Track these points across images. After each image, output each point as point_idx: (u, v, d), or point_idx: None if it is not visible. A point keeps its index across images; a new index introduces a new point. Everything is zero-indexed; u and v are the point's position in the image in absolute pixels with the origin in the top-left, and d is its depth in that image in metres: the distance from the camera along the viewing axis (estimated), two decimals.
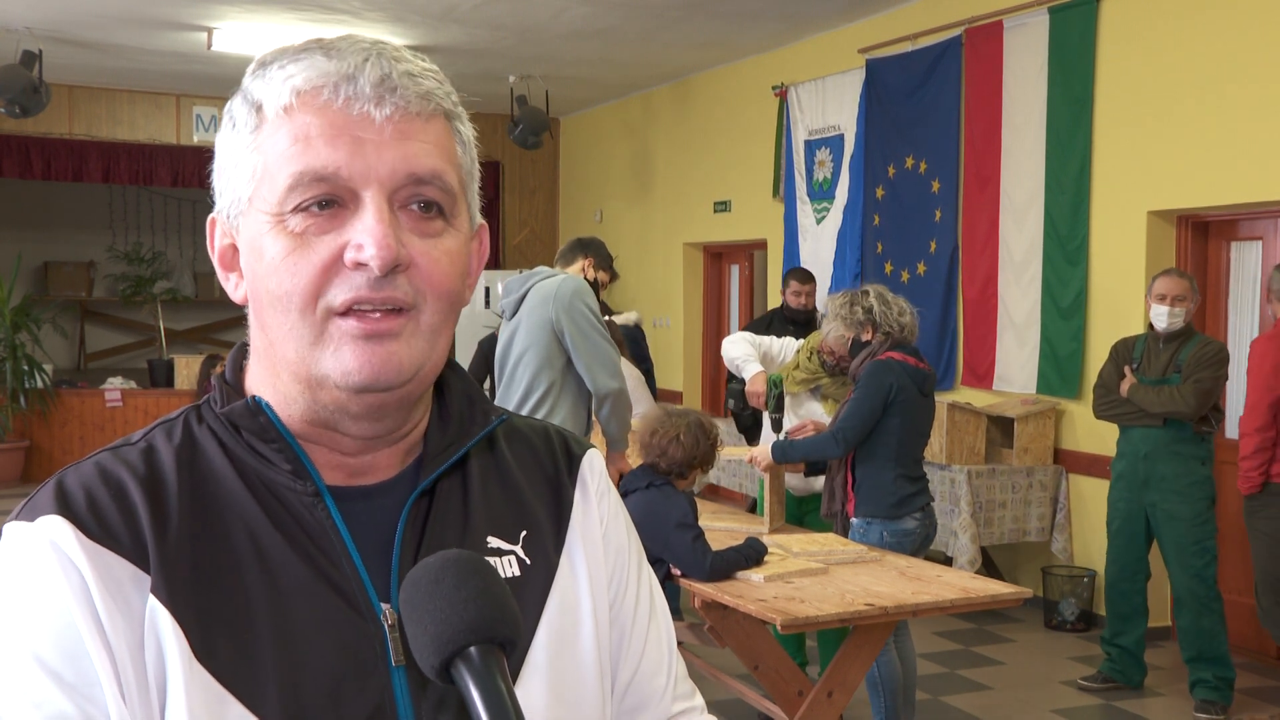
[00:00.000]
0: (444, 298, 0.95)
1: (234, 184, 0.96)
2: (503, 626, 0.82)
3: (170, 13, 8.15)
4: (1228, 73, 5.61)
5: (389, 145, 0.92)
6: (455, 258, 0.96)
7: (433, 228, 0.94)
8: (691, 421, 3.86)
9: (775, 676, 3.80)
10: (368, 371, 0.91)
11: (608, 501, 1.12)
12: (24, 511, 0.91)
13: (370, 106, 0.91)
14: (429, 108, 0.94)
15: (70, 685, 0.85)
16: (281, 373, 0.95)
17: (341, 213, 0.92)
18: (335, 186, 0.91)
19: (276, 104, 0.93)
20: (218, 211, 0.99)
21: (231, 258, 0.99)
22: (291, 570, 0.93)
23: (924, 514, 4.34)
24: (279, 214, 0.92)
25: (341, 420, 0.95)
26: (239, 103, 0.96)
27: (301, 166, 0.91)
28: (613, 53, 9.27)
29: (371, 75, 0.92)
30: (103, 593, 0.87)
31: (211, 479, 0.95)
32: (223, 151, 0.97)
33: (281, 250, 0.91)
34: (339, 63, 0.92)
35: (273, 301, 0.93)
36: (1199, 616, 5.01)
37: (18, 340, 10.23)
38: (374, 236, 0.90)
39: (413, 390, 0.96)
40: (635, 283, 10.92)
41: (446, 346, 0.98)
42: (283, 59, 0.94)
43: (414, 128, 0.93)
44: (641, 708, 1.10)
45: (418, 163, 0.93)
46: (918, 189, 7.50)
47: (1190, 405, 4.93)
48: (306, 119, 0.91)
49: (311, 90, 0.92)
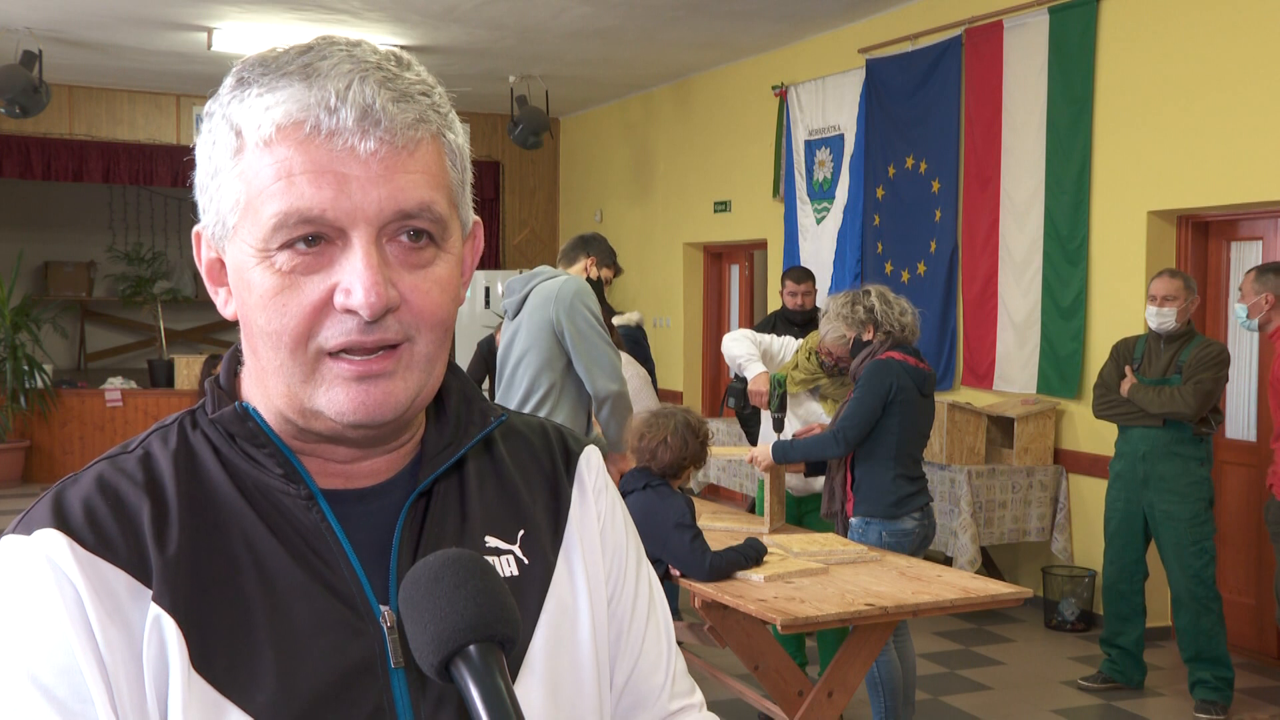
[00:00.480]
0: (436, 327, 0.93)
1: (217, 204, 0.93)
2: (502, 625, 0.83)
3: (170, 13, 8.15)
4: (1228, 73, 5.61)
5: (375, 182, 0.89)
6: (446, 285, 0.94)
7: (423, 257, 0.92)
8: (679, 422, 3.86)
9: (775, 676, 3.80)
10: (362, 412, 0.91)
11: (605, 499, 1.12)
12: (21, 525, 0.90)
13: (355, 140, 0.88)
14: (417, 135, 0.91)
15: (63, 703, 0.84)
16: (273, 396, 0.95)
17: (329, 249, 0.90)
18: (321, 226, 0.89)
19: (256, 135, 0.90)
20: (202, 227, 0.97)
21: (219, 272, 0.97)
22: (288, 574, 0.92)
23: (923, 514, 4.34)
24: (265, 250, 0.90)
25: (335, 443, 0.96)
26: (219, 120, 0.93)
27: (286, 207, 0.88)
28: (613, 53, 9.27)
29: (355, 108, 0.88)
30: (98, 607, 0.87)
31: (208, 485, 0.95)
32: (203, 163, 0.94)
33: (270, 289, 0.90)
34: (319, 92, 0.88)
35: (261, 335, 0.92)
36: (1198, 617, 5.01)
37: (18, 340, 10.23)
38: (363, 282, 0.88)
39: (408, 416, 0.95)
40: (635, 282, 10.92)
41: (443, 368, 0.98)
42: (263, 80, 0.90)
43: (400, 160, 0.90)
44: (640, 705, 1.10)
45: (405, 197, 0.90)
46: (918, 189, 7.50)
47: (1191, 407, 4.93)
48: (288, 154, 0.88)
49: (291, 124, 0.88)
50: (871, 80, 7.87)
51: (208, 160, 0.94)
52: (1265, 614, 5.65)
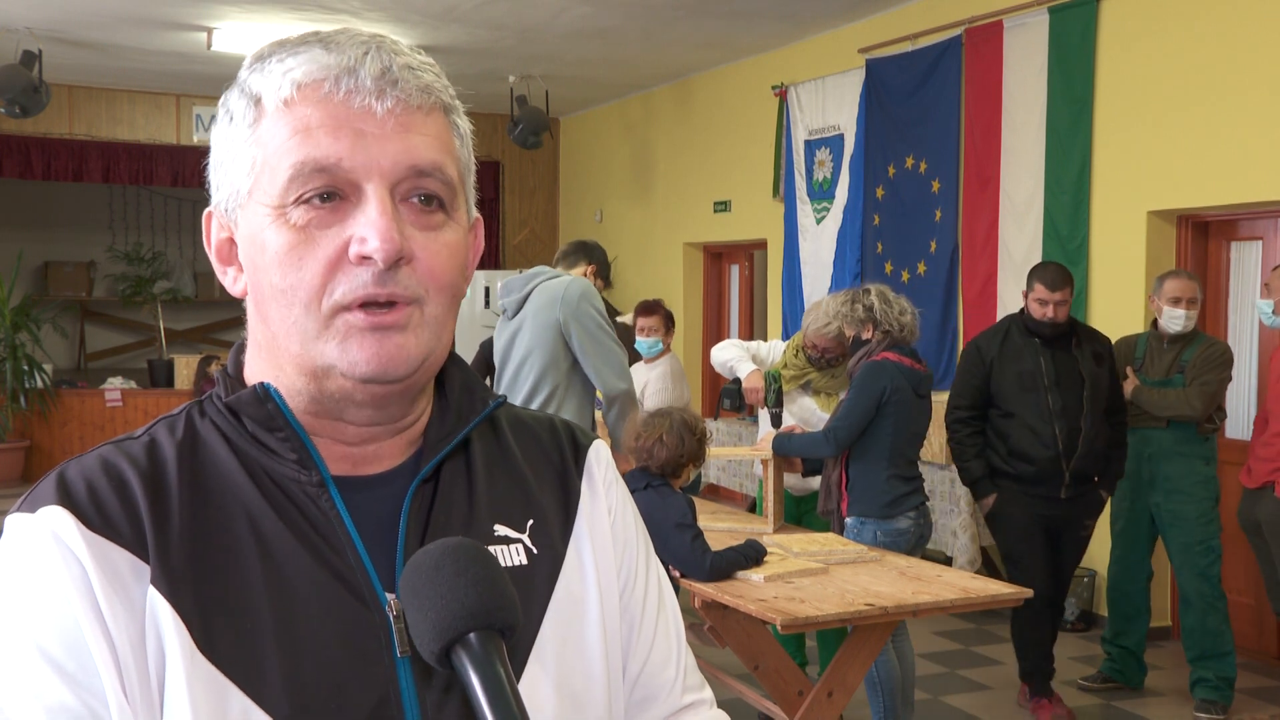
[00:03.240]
0: (445, 290, 0.95)
1: (231, 177, 0.95)
2: (502, 613, 0.83)
3: (170, 13, 8.15)
4: (1228, 73, 5.61)
5: (390, 138, 0.92)
6: (455, 250, 0.96)
7: (433, 220, 0.95)
8: (674, 421, 3.87)
9: (775, 676, 3.80)
10: (375, 363, 0.92)
11: (615, 492, 1.12)
12: (26, 503, 0.91)
13: (371, 99, 0.91)
14: (429, 100, 0.95)
15: (71, 676, 0.85)
16: (285, 365, 0.95)
17: (343, 206, 0.92)
18: (336, 178, 0.91)
19: (276, 97, 0.93)
20: (214, 205, 0.99)
21: (229, 251, 0.99)
22: (295, 560, 0.92)
23: (918, 513, 4.35)
24: (280, 206, 0.92)
25: (346, 408, 0.95)
26: (235, 96, 0.96)
27: (302, 156, 0.91)
28: (613, 53, 9.27)
29: (372, 68, 0.92)
30: (104, 584, 0.87)
31: (214, 471, 0.95)
32: (219, 145, 0.97)
33: (284, 244, 0.91)
34: (339, 55, 0.92)
35: (276, 295, 0.93)
36: (1204, 616, 5.00)
37: (18, 340, 10.24)
38: (377, 229, 0.90)
39: (418, 380, 0.96)
40: (635, 283, 10.92)
41: (450, 337, 0.99)
42: (281, 52, 0.94)
43: (415, 120, 0.93)
44: (651, 699, 1.11)
45: (419, 155, 0.93)
46: (918, 189, 7.50)
47: (1196, 409, 4.93)
48: (307, 111, 0.91)
49: (312, 83, 0.92)
50: (871, 80, 7.87)
51: (222, 140, 0.96)
52: (1265, 614, 5.65)
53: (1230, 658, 5.03)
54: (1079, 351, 4.87)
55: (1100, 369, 4.88)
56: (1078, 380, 4.82)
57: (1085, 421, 4.79)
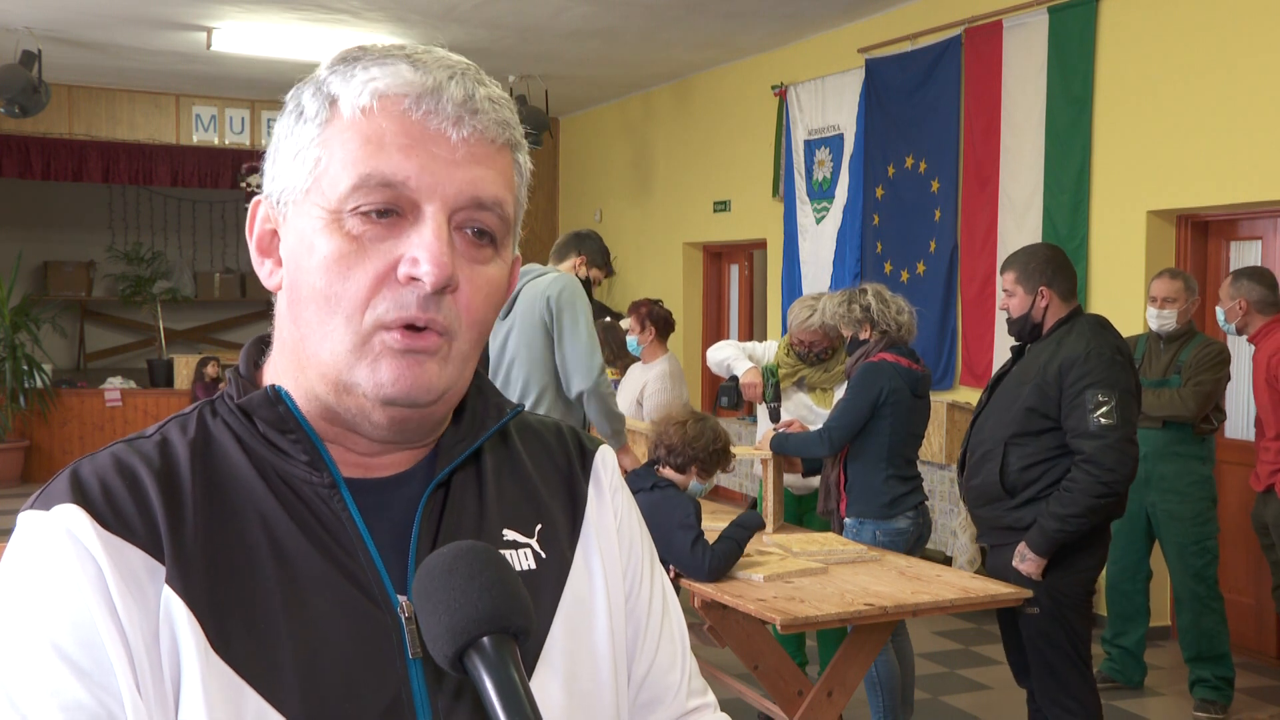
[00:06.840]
0: (477, 326, 0.96)
1: (290, 171, 0.95)
2: (516, 617, 0.83)
3: (170, 13, 8.15)
4: (1227, 72, 5.61)
5: (460, 165, 0.92)
6: (496, 288, 0.97)
7: (482, 255, 0.95)
8: (703, 418, 3.88)
9: (775, 676, 3.80)
10: (401, 386, 0.92)
11: (621, 497, 1.13)
12: (39, 500, 0.91)
13: (449, 124, 0.92)
14: (502, 136, 0.95)
15: (86, 673, 0.85)
16: (308, 369, 0.95)
17: (400, 223, 0.92)
18: (399, 196, 0.91)
19: (354, 103, 0.93)
20: (265, 195, 0.98)
21: (270, 243, 0.98)
22: (308, 562, 0.93)
23: (917, 513, 4.35)
24: (337, 211, 0.92)
25: (362, 424, 0.95)
26: (310, 94, 0.95)
27: (370, 169, 0.91)
28: (613, 52, 9.27)
29: (455, 93, 0.92)
30: (118, 582, 0.87)
31: (226, 471, 0.95)
32: (282, 138, 0.97)
33: (335, 250, 0.91)
34: (424, 75, 0.92)
35: (316, 299, 0.92)
36: (1200, 616, 5.01)
37: (17, 340, 10.24)
38: (431, 253, 0.90)
39: (437, 411, 0.97)
40: (635, 282, 10.92)
41: (471, 373, 0.99)
42: (366, 59, 0.94)
43: (485, 153, 0.94)
44: (657, 702, 1.11)
45: (483, 187, 0.93)
46: (917, 189, 7.50)
47: (1191, 409, 4.93)
48: (383, 124, 0.92)
49: (393, 97, 0.92)
50: (871, 80, 7.87)
51: (288, 132, 0.96)
52: (1265, 614, 5.65)
53: (1227, 658, 5.03)
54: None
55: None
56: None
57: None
